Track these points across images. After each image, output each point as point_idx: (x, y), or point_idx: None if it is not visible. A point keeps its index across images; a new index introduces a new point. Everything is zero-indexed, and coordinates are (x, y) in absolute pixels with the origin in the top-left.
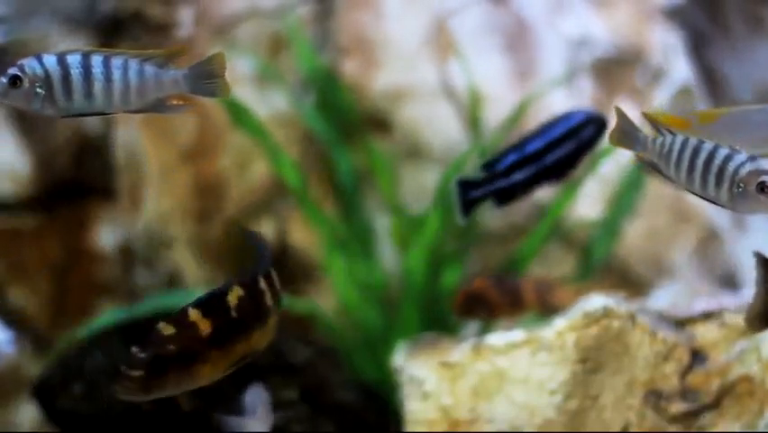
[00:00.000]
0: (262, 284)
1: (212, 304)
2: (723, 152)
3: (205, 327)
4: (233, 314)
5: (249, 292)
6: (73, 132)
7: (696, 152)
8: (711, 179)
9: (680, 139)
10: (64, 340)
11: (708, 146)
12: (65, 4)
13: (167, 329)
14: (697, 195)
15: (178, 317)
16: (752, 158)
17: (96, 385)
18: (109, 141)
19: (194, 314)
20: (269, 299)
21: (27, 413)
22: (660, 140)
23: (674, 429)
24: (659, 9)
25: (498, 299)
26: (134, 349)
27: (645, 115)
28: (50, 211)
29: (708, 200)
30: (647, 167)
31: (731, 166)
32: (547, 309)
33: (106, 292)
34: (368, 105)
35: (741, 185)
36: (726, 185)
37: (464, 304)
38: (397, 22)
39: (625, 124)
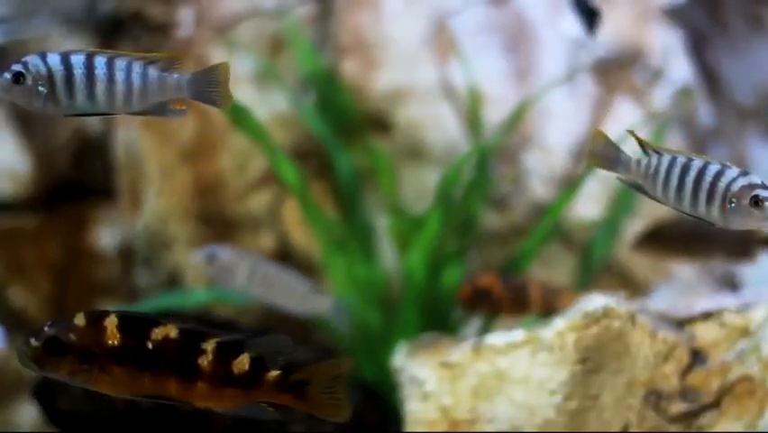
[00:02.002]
0: (208, 347)
1: (132, 323)
2: (714, 168)
3: (112, 338)
4: (149, 345)
5: (183, 341)
6: (73, 132)
7: (686, 169)
8: (702, 195)
9: (667, 158)
10: None
11: (697, 163)
12: (65, 4)
13: (79, 319)
14: (686, 214)
15: (97, 316)
16: (743, 173)
17: None
18: (109, 141)
19: (110, 321)
20: (209, 365)
21: (27, 413)
22: (645, 160)
23: (674, 429)
24: (659, 9)
25: (503, 296)
26: (48, 322)
27: (629, 133)
28: (50, 211)
29: (698, 218)
30: (630, 188)
31: (723, 181)
32: (550, 313)
33: (106, 292)
34: (368, 106)
35: (734, 200)
36: (718, 201)
37: (470, 298)
38: (397, 22)
39: (604, 147)
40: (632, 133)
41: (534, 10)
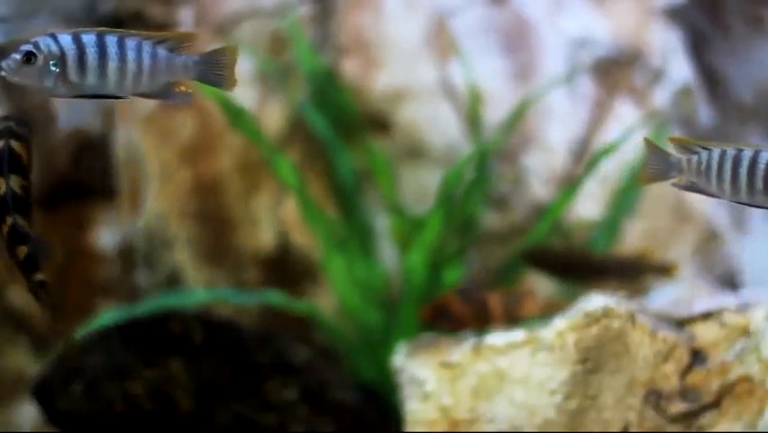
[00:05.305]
0: (7, 221)
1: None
2: (765, 155)
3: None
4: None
5: None
6: (72, 131)
7: (738, 160)
8: (759, 183)
9: (717, 152)
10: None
11: (748, 153)
12: (65, 3)
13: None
14: (744, 204)
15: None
16: None
17: (96, 385)
18: (109, 141)
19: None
20: (4, 234)
21: (27, 413)
22: (695, 158)
23: (674, 429)
24: (659, 9)
25: (464, 312)
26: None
27: (671, 140)
28: (49, 211)
29: (757, 206)
30: (686, 191)
31: None
32: (516, 322)
33: (106, 292)
34: (368, 106)
35: None
36: None
37: (432, 318)
38: (397, 22)
39: (656, 157)
40: (675, 138)
41: (534, 10)
